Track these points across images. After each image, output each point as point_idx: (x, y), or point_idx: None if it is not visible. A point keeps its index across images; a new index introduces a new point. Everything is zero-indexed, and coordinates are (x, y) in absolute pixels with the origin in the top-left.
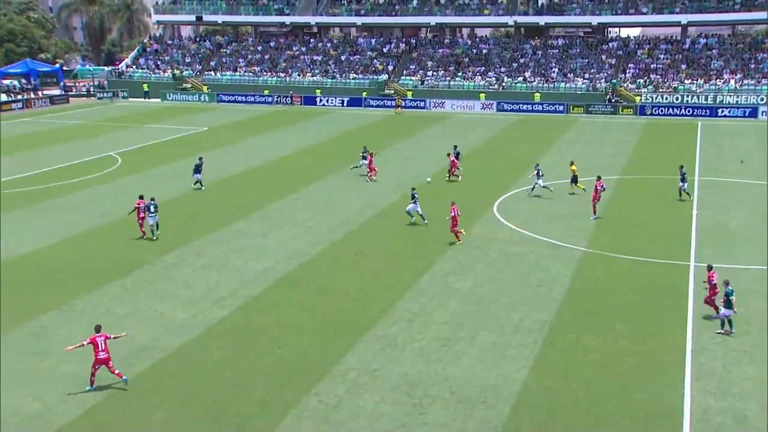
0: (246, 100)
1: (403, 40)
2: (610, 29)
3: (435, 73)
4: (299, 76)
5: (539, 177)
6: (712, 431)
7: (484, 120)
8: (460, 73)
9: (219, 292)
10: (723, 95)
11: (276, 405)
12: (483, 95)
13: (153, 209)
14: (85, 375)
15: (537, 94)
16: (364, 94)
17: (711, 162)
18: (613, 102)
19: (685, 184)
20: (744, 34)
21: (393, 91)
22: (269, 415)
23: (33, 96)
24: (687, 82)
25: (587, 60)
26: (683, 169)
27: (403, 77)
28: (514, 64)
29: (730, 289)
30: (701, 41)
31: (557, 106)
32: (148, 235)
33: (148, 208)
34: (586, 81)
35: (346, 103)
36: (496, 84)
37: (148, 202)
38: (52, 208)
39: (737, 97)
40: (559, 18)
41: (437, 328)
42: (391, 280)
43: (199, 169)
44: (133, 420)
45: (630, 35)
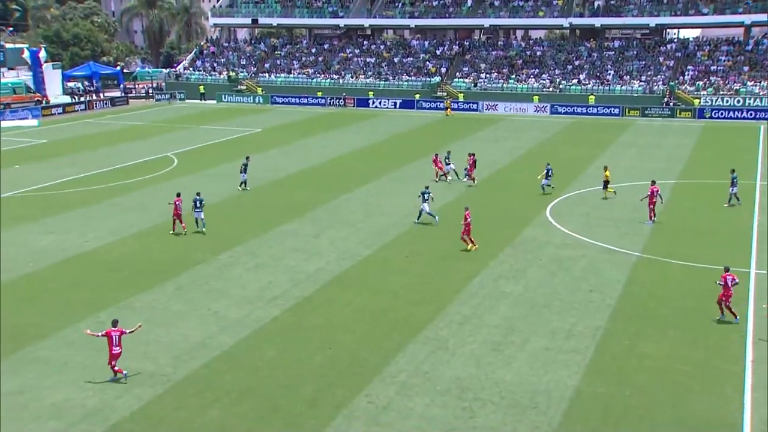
0: (299, 101)
1: (457, 42)
2: (668, 30)
3: (488, 75)
4: (352, 78)
5: (548, 177)
6: None
7: (537, 123)
8: (514, 76)
9: (271, 291)
10: None
11: (326, 404)
12: (536, 98)
13: (198, 204)
14: (144, 371)
15: (591, 97)
16: (416, 96)
17: None
18: (670, 105)
19: (735, 188)
20: None
21: (446, 93)
22: (320, 414)
23: (95, 98)
24: (750, 84)
25: (644, 62)
26: (734, 173)
27: (456, 79)
28: (568, 67)
29: None
30: (765, 42)
31: (612, 109)
32: (177, 230)
33: (194, 203)
34: (643, 83)
35: (398, 105)
36: (550, 86)
37: (195, 197)
38: (114, 206)
39: None
40: (615, 19)
41: (488, 332)
42: (441, 282)
43: (245, 168)
44: (188, 416)
45: (689, 36)
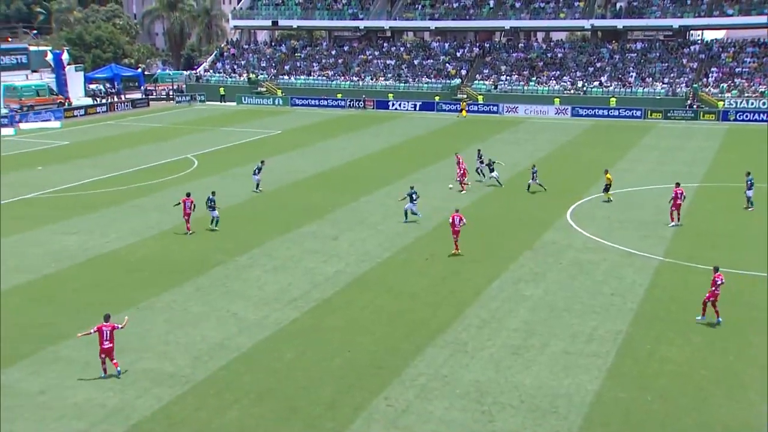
0: (319, 103)
1: (477, 44)
2: (691, 32)
3: (508, 77)
4: (372, 80)
5: (533, 179)
6: None
7: (558, 125)
8: (534, 78)
9: (291, 293)
10: None
11: (345, 406)
12: (557, 100)
13: (211, 204)
14: (164, 371)
15: (613, 99)
16: (436, 98)
17: None
18: (693, 107)
19: (750, 192)
20: None
21: (465, 95)
22: (338, 416)
23: (116, 100)
24: None
25: (667, 64)
26: (749, 175)
27: (476, 81)
28: (590, 69)
29: None
30: None
31: (634, 112)
32: (192, 229)
33: (207, 202)
34: (666, 86)
35: (418, 108)
36: (571, 89)
37: (209, 196)
38: (135, 207)
39: None
40: (638, 21)
41: (507, 335)
42: (461, 285)
43: (258, 171)
44: (208, 416)
45: (713, 38)
